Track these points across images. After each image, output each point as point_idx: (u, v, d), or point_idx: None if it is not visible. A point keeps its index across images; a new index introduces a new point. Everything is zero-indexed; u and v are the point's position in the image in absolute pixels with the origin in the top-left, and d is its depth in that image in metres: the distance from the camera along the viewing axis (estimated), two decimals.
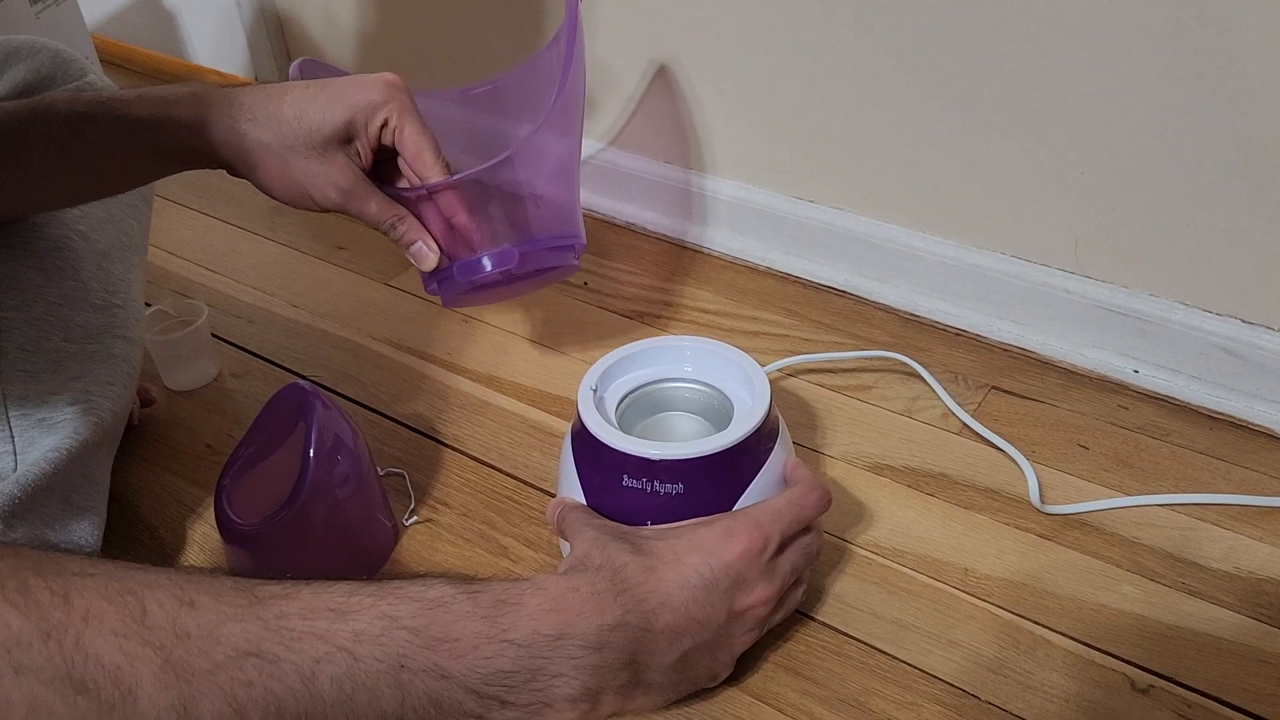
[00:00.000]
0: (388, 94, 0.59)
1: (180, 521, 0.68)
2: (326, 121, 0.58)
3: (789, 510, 0.54)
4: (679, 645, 0.49)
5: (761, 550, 0.52)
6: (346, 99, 0.59)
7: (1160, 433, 0.73)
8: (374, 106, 0.59)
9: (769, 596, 0.52)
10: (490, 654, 0.43)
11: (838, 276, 0.88)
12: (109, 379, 0.64)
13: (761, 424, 0.57)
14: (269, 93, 0.59)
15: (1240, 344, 0.72)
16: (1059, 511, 0.66)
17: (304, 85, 0.60)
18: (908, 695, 0.56)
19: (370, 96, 0.59)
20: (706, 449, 0.55)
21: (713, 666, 0.52)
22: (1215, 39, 0.64)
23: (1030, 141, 0.74)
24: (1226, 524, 0.65)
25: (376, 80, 0.60)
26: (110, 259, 0.68)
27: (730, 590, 0.50)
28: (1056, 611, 0.60)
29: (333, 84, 0.60)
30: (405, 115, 0.60)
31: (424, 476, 0.71)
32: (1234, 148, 0.67)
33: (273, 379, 0.80)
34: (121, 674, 0.36)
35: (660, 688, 0.50)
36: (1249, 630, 0.59)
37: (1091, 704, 0.55)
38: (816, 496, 0.56)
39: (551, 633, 0.45)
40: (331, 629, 0.40)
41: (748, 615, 0.52)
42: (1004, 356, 0.80)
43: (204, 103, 0.58)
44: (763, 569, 0.52)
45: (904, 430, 0.74)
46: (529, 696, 0.44)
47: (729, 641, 0.52)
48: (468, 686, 0.43)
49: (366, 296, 0.90)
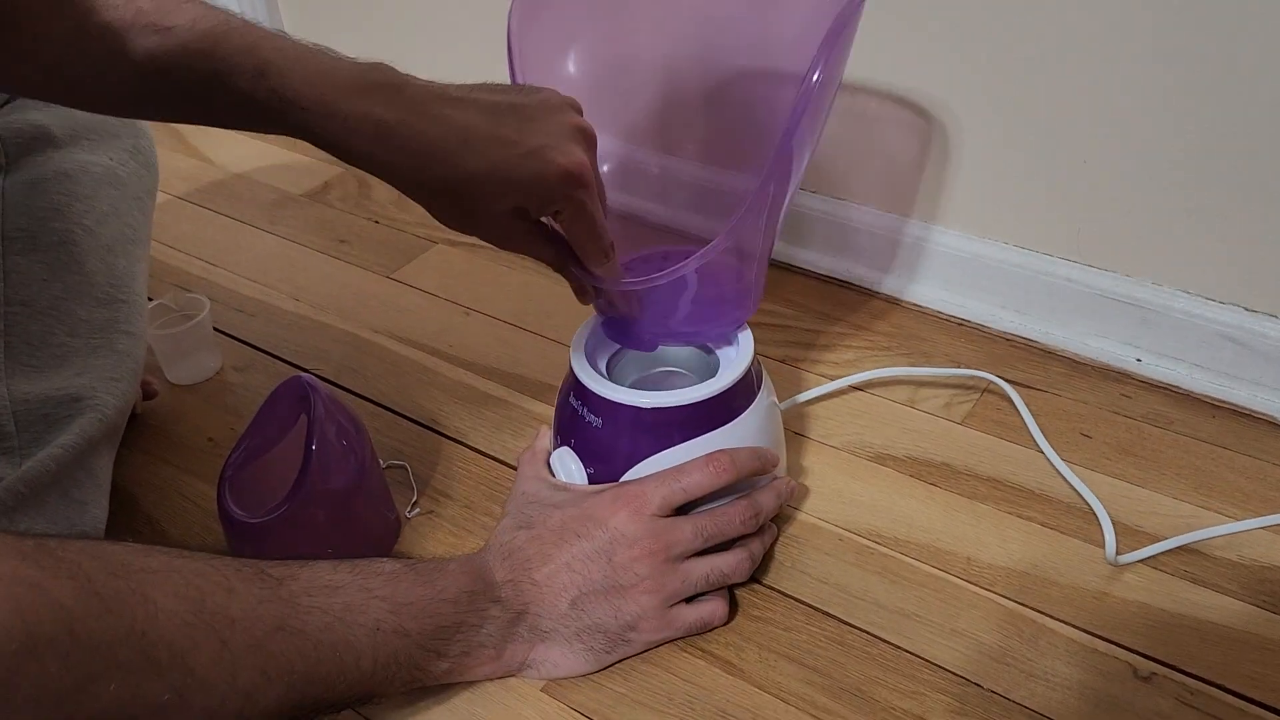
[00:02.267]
0: (567, 185, 0.52)
1: (182, 515, 0.68)
2: (496, 205, 0.54)
3: (670, 476, 0.58)
4: (564, 594, 0.55)
5: (639, 511, 0.57)
6: (518, 182, 0.52)
7: (1163, 421, 0.72)
8: (547, 199, 0.53)
9: (654, 548, 0.56)
10: (433, 613, 0.52)
11: (840, 266, 0.88)
12: (113, 374, 0.64)
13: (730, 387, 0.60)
14: (445, 155, 0.52)
15: (1243, 332, 0.72)
16: (1062, 500, 0.66)
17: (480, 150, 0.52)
18: (911, 684, 0.56)
19: (545, 186, 0.52)
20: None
21: (618, 615, 0.56)
22: (1217, 27, 0.64)
23: (1032, 130, 0.74)
24: (1230, 512, 0.65)
25: (556, 165, 0.52)
26: (114, 253, 0.68)
27: (609, 546, 0.56)
28: (1059, 600, 0.60)
29: (511, 157, 0.52)
30: (579, 214, 0.54)
31: (426, 469, 0.71)
32: (1236, 136, 0.66)
33: (275, 372, 0.81)
34: (188, 656, 0.42)
35: (563, 636, 0.56)
36: (1251, 618, 0.59)
37: (1094, 691, 0.55)
38: (702, 466, 0.58)
39: (467, 589, 0.53)
40: (329, 603, 0.48)
41: (636, 564, 0.56)
42: (1006, 346, 0.80)
43: (386, 140, 0.52)
44: (646, 526, 0.56)
45: (906, 420, 0.74)
46: (456, 648, 0.53)
47: (624, 590, 0.56)
48: (419, 643, 0.51)
49: (368, 290, 0.90)
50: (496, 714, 0.55)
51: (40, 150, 0.68)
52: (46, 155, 0.68)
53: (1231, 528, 0.63)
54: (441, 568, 0.54)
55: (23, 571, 0.38)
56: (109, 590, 0.40)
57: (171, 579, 0.43)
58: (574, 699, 0.56)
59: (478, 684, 0.56)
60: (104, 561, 0.41)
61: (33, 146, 0.67)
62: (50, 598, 0.38)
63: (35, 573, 0.38)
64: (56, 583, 0.39)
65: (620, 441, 0.60)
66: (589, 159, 0.54)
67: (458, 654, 0.53)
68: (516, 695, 0.56)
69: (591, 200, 0.54)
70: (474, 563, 0.56)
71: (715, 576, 0.58)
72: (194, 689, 0.42)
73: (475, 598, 0.54)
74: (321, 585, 0.49)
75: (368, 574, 0.51)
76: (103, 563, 0.41)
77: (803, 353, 0.80)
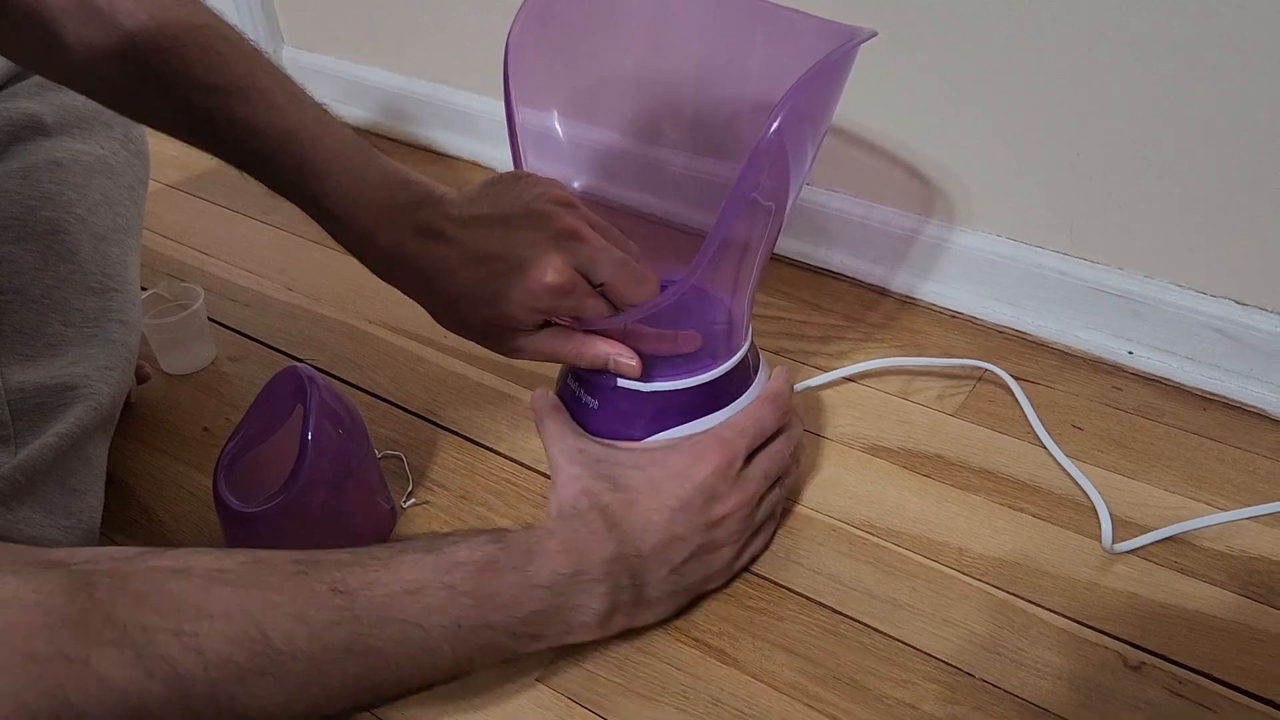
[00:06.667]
0: (552, 300, 0.55)
1: (178, 504, 0.68)
2: (481, 318, 0.58)
3: (750, 424, 0.59)
4: (669, 561, 0.55)
5: (729, 464, 0.57)
6: (517, 292, 0.55)
7: (1154, 414, 0.73)
8: (536, 310, 0.56)
9: (743, 501, 0.58)
10: (525, 599, 0.51)
11: (833, 258, 0.88)
12: (107, 363, 0.64)
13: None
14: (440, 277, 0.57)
15: (1234, 325, 0.72)
16: (1054, 492, 0.67)
17: (473, 270, 0.56)
18: (903, 673, 0.56)
19: (535, 299, 0.55)
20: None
21: (705, 573, 0.58)
22: (1211, 20, 0.64)
23: (1025, 123, 0.74)
24: (1219, 503, 0.66)
25: (543, 284, 0.54)
26: (107, 242, 0.68)
27: (705, 505, 0.56)
28: (1050, 590, 0.60)
29: (501, 272, 0.55)
30: (563, 327, 0.58)
31: (421, 459, 0.71)
32: (1229, 130, 0.67)
33: (269, 362, 0.81)
34: (237, 702, 0.42)
35: (660, 600, 0.56)
36: (1240, 608, 0.59)
37: (1084, 681, 0.56)
38: (771, 407, 0.60)
39: (568, 571, 0.52)
40: (406, 609, 0.47)
41: (727, 522, 0.57)
42: (999, 338, 0.81)
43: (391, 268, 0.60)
44: (733, 481, 0.57)
45: (899, 412, 0.74)
46: (556, 628, 0.52)
47: (716, 547, 0.58)
48: (509, 630, 0.50)
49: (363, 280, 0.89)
50: (492, 704, 0.55)
51: (31, 139, 0.68)
52: (37, 143, 0.68)
53: (1221, 518, 0.64)
54: (538, 547, 0.52)
55: (66, 645, 0.38)
56: (155, 651, 0.40)
57: (231, 625, 0.42)
58: (570, 688, 0.56)
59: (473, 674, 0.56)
60: (158, 612, 0.41)
61: (23, 135, 0.67)
62: (88, 672, 0.38)
63: (78, 647, 0.38)
64: (95, 651, 0.38)
65: (617, 424, 0.61)
66: (570, 259, 0.55)
67: (556, 633, 0.53)
68: (511, 683, 0.56)
69: (578, 300, 0.56)
70: (574, 539, 0.53)
71: (768, 518, 0.62)
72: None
73: (577, 579, 0.52)
74: (400, 589, 0.48)
75: (451, 565, 0.50)
76: (156, 614, 0.41)
77: (794, 344, 0.81)
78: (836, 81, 0.55)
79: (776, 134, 0.49)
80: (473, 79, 1.06)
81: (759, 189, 0.52)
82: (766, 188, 0.53)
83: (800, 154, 0.54)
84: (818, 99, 0.54)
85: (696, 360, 0.61)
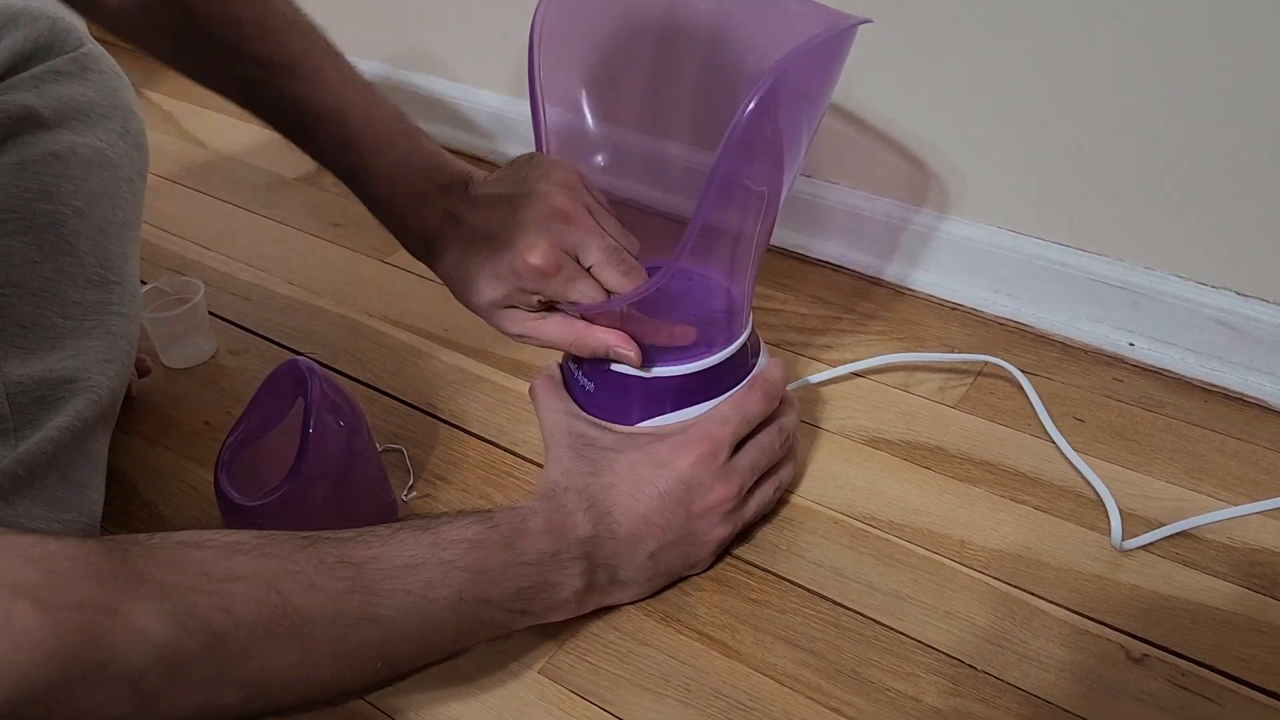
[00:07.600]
0: (537, 281, 0.56)
1: (179, 498, 0.68)
2: (486, 299, 0.59)
3: (735, 412, 0.59)
4: (644, 548, 0.57)
5: (713, 455, 0.57)
6: (508, 272, 0.57)
7: (1156, 405, 0.73)
8: (524, 291, 0.57)
9: (727, 494, 0.58)
10: (514, 576, 0.52)
11: (832, 250, 0.88)
12: (107, 356, 0.64)
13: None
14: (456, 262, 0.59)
15: (1235, 316, 0.72)
16: (1055, 484, 0.67)
17: (475, 247, 0.58)
18: (905, 666, 0.56)
19: (521, 279, 0.57)
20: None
21: (686, 560, 0.59)
22: (1210, 13, 0.64)
23: (1027, 115, 0.74)
24: (1222, 495, 0.66)
25: (528, 265, 0.56)
26: (106, 234, 0.67)
27: (685, 495, 0.57)
28: (1052, 583, 0.60)
29: (498, 252, 0.57)
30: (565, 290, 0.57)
31: (422, 452, 0.71)
32: (1229, 122, 0.67)
33: (270, 356, 0.80)
34: (266, 663, 0.43)
35: (635, 583, 0.58)
36: (1242, 600, 0.59)
37: (1087, 673, 0.56)
38: (758, 394, 0.60)
39: (550, 549, 0.53)
40: (410, 582, 0.48)
41: (709, 514, 0.58)
42: (1000, 330, 0.81)
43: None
44: (717, 472, 0.57)
45: (901, 404, 0.74)
46: (540, 604, 0.54)
47: (697, 538, 0.58)
48: (503, 606, 0.52)
49: (363, 273, 0.90)
50: (494, 695, 0.55)
51: (28, 131, 0.67)
52: (35, 136, 0.67)
53: (1225, 513, 0.64)
54: (523, 527, 0.53)
55: (109, 596, 0.38)
56: (188, 609, 0.41)
57: (253, 586, 0.43)
58: (571, 680, 0.56)
59: (475, 665, 0.56)
60: (186, 574, 0.42)
61: (21, 128, 0.67)
62: (129, 624, 0.39)
63: (114, 597, 0.39)
64: (135, 605, 0.39)
65: (614, 407, 0.61)
66: (557, 240, 0.56)
67: (541, 609, 0.54)
68: (514, 676, 0.56)
69: (563, 283, 0.56)
70: (555, 519, 0.55)
71: (758, 513, 0.62)
72: (270, 691, 0.43)
73: (558, 557, 0.54)
74: (402, 564, 0.49)
75: (447, 542, 0.51)
76: (185, 575, 0.42)
77: (796, 337, 0.80)
78: (827, 66, 0.54)
79: (755, 110, 0.48)
80: (462, 71, 1.06)
81: (748, 174, 0.52)
82: (757, 172, 0.52)
83: (793, 137, 0.54)
84: (805, 80, 0.52)
85: (695, 347, 0.61)
